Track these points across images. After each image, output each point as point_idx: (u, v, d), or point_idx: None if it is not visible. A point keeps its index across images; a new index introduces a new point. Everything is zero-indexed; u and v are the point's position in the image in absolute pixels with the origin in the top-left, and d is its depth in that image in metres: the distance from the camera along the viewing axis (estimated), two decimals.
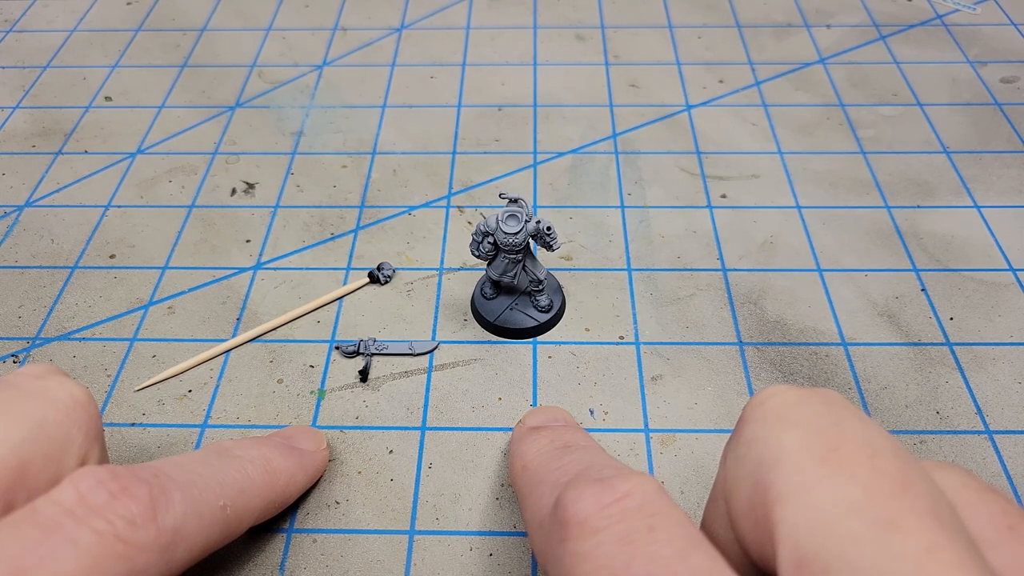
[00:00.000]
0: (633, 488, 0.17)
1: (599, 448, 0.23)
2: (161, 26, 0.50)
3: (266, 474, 0.23)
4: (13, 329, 0.32)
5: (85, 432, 0.21)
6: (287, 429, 0.27)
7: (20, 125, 0.43)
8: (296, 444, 0.26)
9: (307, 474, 0.26)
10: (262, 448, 0.24)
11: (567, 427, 0.25)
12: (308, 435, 0.27)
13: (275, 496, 0.24)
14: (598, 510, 0.17)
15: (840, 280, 0.34)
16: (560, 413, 0.26)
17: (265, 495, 0.23)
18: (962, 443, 0.28)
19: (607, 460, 0.21)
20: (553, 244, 0.29)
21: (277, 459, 0.24)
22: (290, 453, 0.25)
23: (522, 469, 0.23)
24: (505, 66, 0.46)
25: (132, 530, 0.18)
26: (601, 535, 0.16)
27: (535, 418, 0.26)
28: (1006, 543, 0.15)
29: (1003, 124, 0.41)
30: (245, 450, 0.24)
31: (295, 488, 0.25)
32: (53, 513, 0.18)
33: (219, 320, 0.32)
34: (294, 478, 0.25)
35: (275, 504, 0.24)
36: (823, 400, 0.17)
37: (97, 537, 0.17)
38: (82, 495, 0.18)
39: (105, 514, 0.18)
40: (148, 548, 0.18)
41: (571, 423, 0.26)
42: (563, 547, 0.17)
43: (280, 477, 0.24)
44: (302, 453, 0.26)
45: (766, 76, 0.45)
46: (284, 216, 0.37)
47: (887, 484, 0.14)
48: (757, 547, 0.16)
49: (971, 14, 0.49)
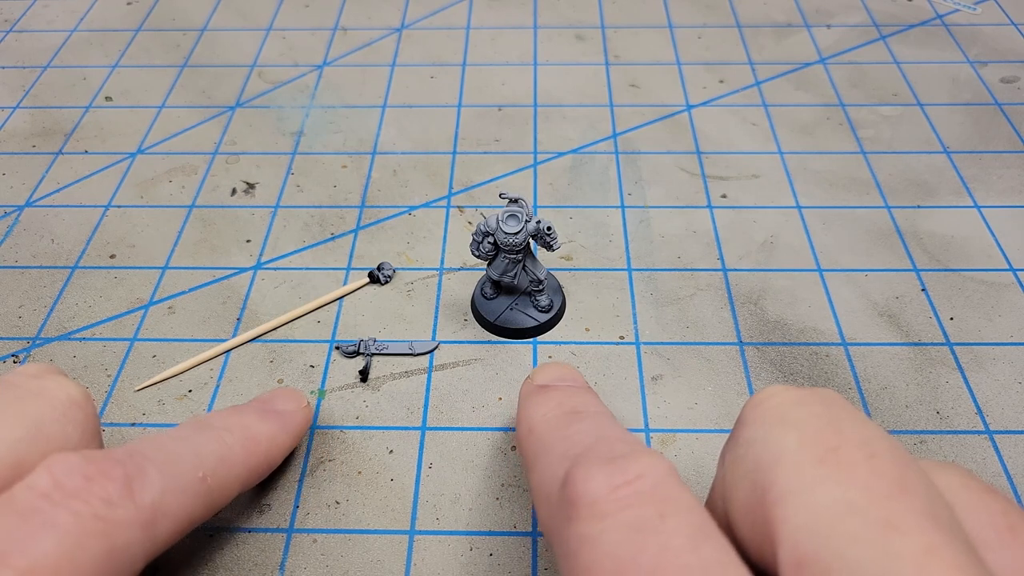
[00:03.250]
0: (645, 469, 0.17)
1: (609, 415, 0.22)
2: (161, 26, 0.50)
3: (246, 440, 0.23)
4: (13, 329, 0.32)
5: (82, 431, 0.21)
6: (265, 394, 0.27)
7: (20, 125, 0.43)
8: (275, 406, 0.26)
9: (289, 435, 0.25)
10: (240, 415, 0.24)
11: (577, 388, 0.24)
12: (286, 395, 0.27)
13: (258, 461, 0.24)
14: (608, 492, 0.16)
15: (840, 280, 0.34)
16: (570, 371, 0.25)
17: (247, 462, 0.23)
18: (962, 443, 0.28)
19: (618, 432, 0.20)
20: (553, 244, 0.29)
21: (256, 424, 0.24)
22: (270, 416, 0.25)
23: (528, 432, 0.22)
24: (505, 66, 0.46)
25: (110, 509, 0.18)
26: (610, 520, 0.16)
27: (544, 375, 0.25)
28: (1006, 544, 0.15)
29: (1003, 124, 0.41)
30: (223, 419, 0.24)
31: (278, 451, 0.25)
32: (29, 498, 0.18)
33: (219, 320, 0.32)
34: (275, 440, 0.25)
35: (259, 469, 0.24)
36: (822, 401, 0.17)
37: (75, 518, 0.17)
38: (57, 479, 0.18)
39: (81, 495, 0.18)
40: (128, 525, 0.18)
41: (580, 383, 0.24)
42: (570, 527, 0.17)
43: (261, 442, 0.24)
44: (282, 414, 0.25)
45: (766, 76, 0.45)
46: (284, 216, 0.37)
47: (886, 485, 0.14)
48: (756, 548, 0.16)
49: (971, 14, 0.49)
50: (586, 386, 0.24)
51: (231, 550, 0.25)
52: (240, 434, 0.23)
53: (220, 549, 0.25)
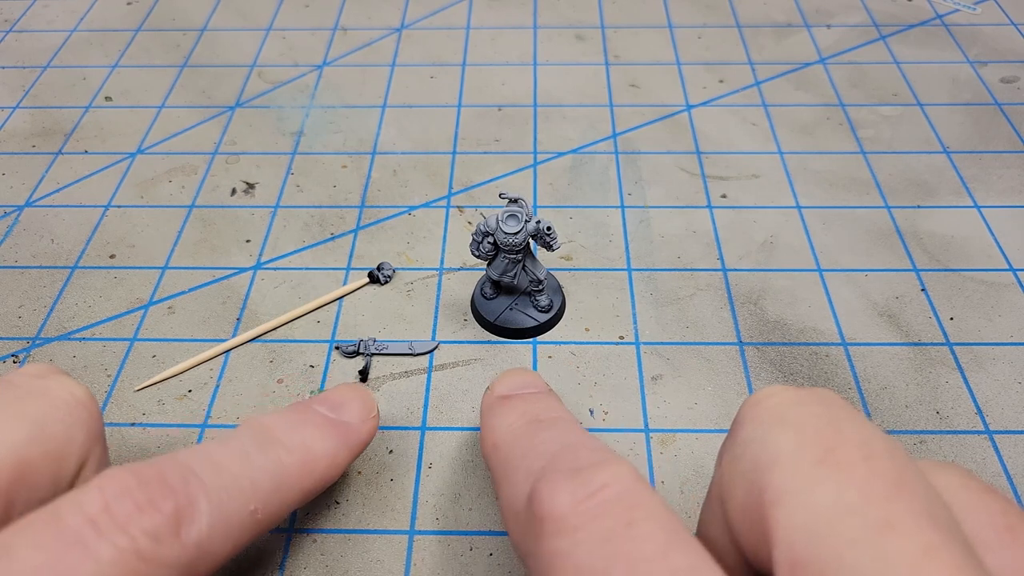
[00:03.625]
0: (609, 479, 0.17)
1: (572, 420, 0.22)
2: (161, 26, 0.50)
3: (304, 464, 0.21)
4: (13, 329, 0.32)
5: (86, 431, 0.21)
6: (335, 392, 0.24)
7: (20, 125, 0.43)
8: (344, 414, 0.24)
9: (351, 452, 0.23)
10: (304, 429, 0.22)
11: (538, 394, 0.23)
12: (358, 402, 0.24)
13: (312, 485, 0.22)
14: (574, 506, 0.16)
15: (840, 280, 0.34)
16: (531, 377, 0.24)
17: (302, 486, 0.21)
18: (962, 443, 0.28)
19: (581, 439, 0.20)
20: (553, 244, 0.29)
21: (319, 443, 0.22)
22: (334, 431, 0.23)
23: (493, 448, 0.21)
24: (505, 66, 0.46)
25: (154, 547, 0.17)
26: (579, 534, 0.16)
27: (504, 384, 0.24)
28: (1005, 544, 0.15)
29: (1003, 124, 0.41)
30: (286, 433, 0.22)
31: (336, 471, 0.23)
32: (75, 522, 0.17)
33: (219, 320, 0.33)
34: (335, 460, 0.22)
35: (313, 493, 0.22)
36: (820, 401, 0.17)
37: (118, 553, 0.17)
38: (107, 503, 0.17)
39: (128, 529, 0.17)
40: (169, 565, 0.18)
41: (542, 388, 0.24)
42: (540, 544, 0.17)
43: (320, 464, 0.22)
44: (348, 429, 0.23)
45: (766, 76, 0.45)
46: (284, 216, 0.37)
47: (883, 485, 0.14)
48: (753, 548, 0.16)
49: (971, 14, 0.49)
50: (548, 390, 0.24)
51: None
52: (300, 456, 0.21)
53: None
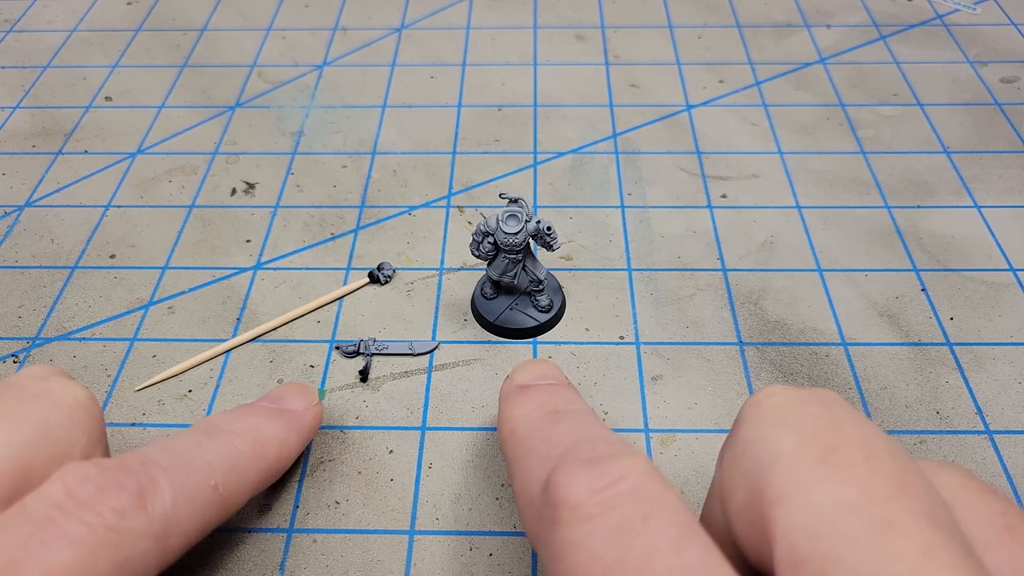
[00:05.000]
0: (626, 471, 0.17)
1: (590, 413, 0.22)
2: (161, 26, 0.50)
3: (256, 444, 0.23)
4: (13, 329, 0.32)
5: (88, 434, 0.21)
6: (275, 389, 0.26)
7: (20, 125, 0.43)
8: (286, 404, 0.25)
9: (300, 436, 0.25)
10: (250, 418, 0.24)
11: (557, 386, 0.23)
12: (296, 392, 0.26)
13: (269, 465, 0.23)
14: (590, 495, 0.16)
15: (840, 280, 0.34)
16: (550, 368, 0.25)
17: (258, 466, 0.23)
18: (962, 443, 0.28)
19: (599, 431, 0.20)
20: (553, 244, 0.29)
21: (267, 427, 0.24)
22: (280, 417, 0.25)
23: (510, 435, 0.22)
24: (505, 66, 0.46)
25: (122, 520, 0.18)
26: (594, 523, 0.16)
27: (523, 374, 0.24)
28: (1005, 544, 0.15)
29: (1003, 124, 0.41)
30: (233, 423, 0.23)
31: (289, 453, 0.24)
32: (42, 508, 0.18)
33: (219, 320, 0.33)
34: (286, 442, 0.24)
35: (271, 473, 0.24)
36: (820, 401, 0.17)
37: (88, 529, 0.17)
38: (69, 489, 0.18)
39: (94, 506, 0.18)
40: (140, 535, 0.18)
41: (561, 380, 0.24)
42: (554, 531, 0.17)
43: (271, 446, 0.23)
44: (292, 415, 0.25)
45: (766, 76, 0.45)
46: (284, 216, 0.37)
47: (884, 486, 0.14)
48: (754, 548, 0.16)
49: (971, 14, 0.49)
50: (567, 383, 0.24)
51: (231, 550, 0.25)
52: (250, 438, 0.23)
53: (220, 549, 0.25)
